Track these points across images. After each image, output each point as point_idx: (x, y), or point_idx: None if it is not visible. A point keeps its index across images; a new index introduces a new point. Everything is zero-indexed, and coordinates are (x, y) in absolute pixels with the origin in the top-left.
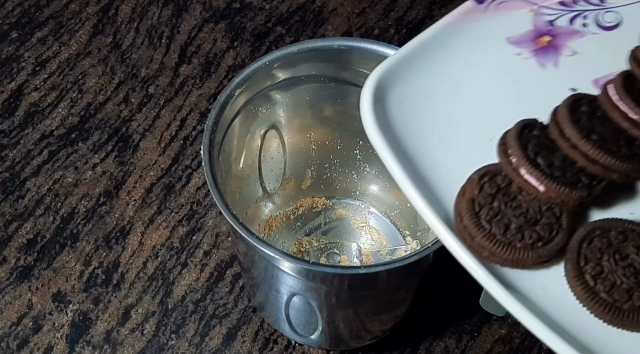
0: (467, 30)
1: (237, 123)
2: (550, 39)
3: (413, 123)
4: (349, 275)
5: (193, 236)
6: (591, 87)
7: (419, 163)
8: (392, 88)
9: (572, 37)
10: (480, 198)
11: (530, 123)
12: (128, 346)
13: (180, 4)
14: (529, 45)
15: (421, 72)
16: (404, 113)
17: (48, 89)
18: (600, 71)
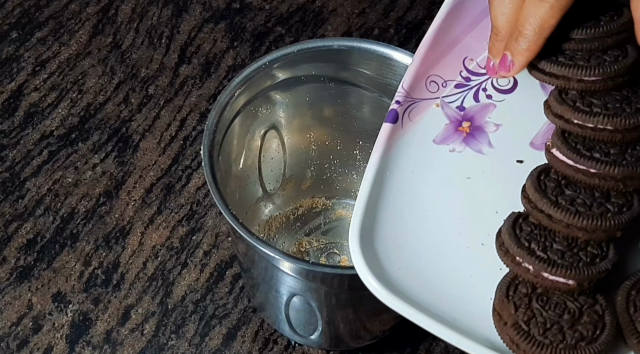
0: (398, 151)
1: (237, 124)
2: (469, 124)
3: (405, 264)
4: (349, 275)
5: (193, 236)
6: (531, 150)
7: (433, 301)
8: (372, 241)
9: (487, 112)
10: (520, 315)
11: (517, 217)
12: (128, 346)
13: (180, 4)
14: (455, 137)
15: (386, 212)
16: (392, 258)
17: (48, 89)
18: (530, 132)
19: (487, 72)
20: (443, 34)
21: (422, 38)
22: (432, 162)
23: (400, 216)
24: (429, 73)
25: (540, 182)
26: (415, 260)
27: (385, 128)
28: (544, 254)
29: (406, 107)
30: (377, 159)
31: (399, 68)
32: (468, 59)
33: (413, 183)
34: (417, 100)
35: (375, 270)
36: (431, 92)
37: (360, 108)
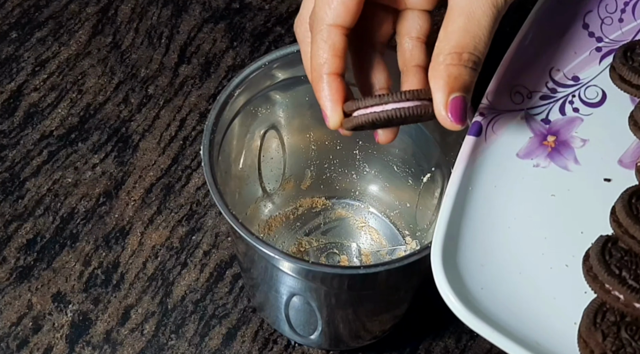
0: (480, 165)
1: (237, 124)
2: (555, 138)
3: (487, 282)
4: (349, 275)
5: (193, 236)
6: (620, 169)
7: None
8: (454, 259)
9: (573, 126)
10: (608, 345)
11: (606, 241)
12: (128, 346)
13: (179, 4)
14: (540, 152)
15: (468, 228)
16: (475, 276)
17: (48, 89)
18: (619, 149)
19: None
20: (529, 43)
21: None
22: (515, 177)
23: (482, 233)
24: (513, 83)
25: (631, 206)
26: (498, 279)
27: (468, 141)
28: (636, 283)
29: (490, 119)
30: (460, 173)
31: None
32: (555, 70)
33: (496, 198)
34: (501, 111)
35: (457, 289)
36: (516, 103)
37: None
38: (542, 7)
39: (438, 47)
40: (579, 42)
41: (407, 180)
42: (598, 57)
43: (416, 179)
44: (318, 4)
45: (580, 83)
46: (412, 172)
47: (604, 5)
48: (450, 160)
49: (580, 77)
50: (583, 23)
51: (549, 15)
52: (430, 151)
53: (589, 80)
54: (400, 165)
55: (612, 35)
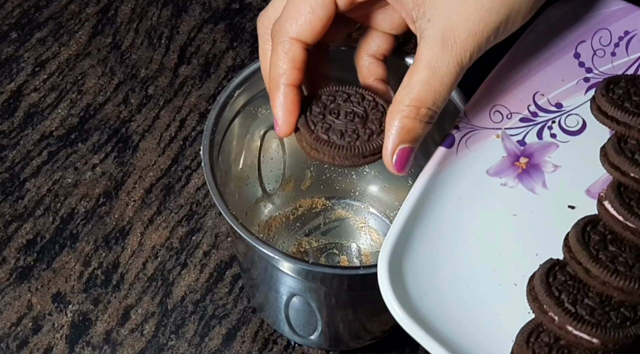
0: (448, 176)
1: (237, 124)
2: (527, 160)
3: (433, 290)
4: (349, 276)
5: (192, 236)
6: (586, 198)
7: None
8: (402, 262)
9: (548, 151)
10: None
11: (553, 265)
12: (128, 347)
13: (179, 5)
14: (510, 172)
15: (423, 235)
16: (420, 282)
17: (47, 90)
18: (589, 179)
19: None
20: (517, 64)
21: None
22: (481, 193)
23: (436, 241)
24: (495, 102)
25: (585, 233)
26: (444, 288)
27: (439, 151)
28: (572, 307)
29: (464, 133)
30: (425, 181)
31: (398, 68)
32: (539, 94)
33: (457, 211)
34: (477, 128)
35: (399, 292)
36: (494, 122)
37: None
38: (534, 31)
39: (400, 93)
40: (568, 70)
41: (407, 180)
42: (585, 87)
43: (416, 179)
44: (285, 16)
45: (563, 111)
46: (411, 172)
47: (599, 38)
48: None
49: (564, 104)
50: (575, 52)
51: (541, 40)
52: (430, 152)
53: (572, 109)
54: None
55: (602, 68)
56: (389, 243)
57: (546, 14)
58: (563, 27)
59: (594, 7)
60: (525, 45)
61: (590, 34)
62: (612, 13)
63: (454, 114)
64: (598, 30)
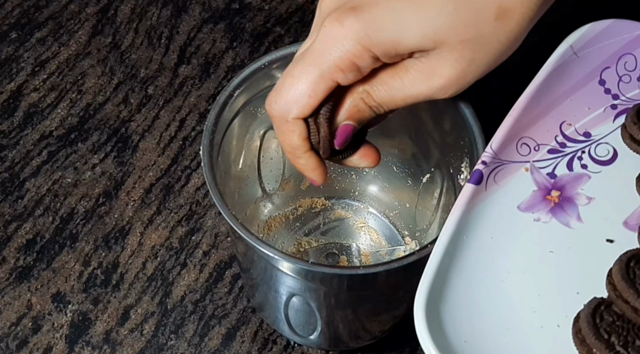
0: (478, 214)
1: (237, 124)
2: (559, 193)
3: (472, 336)
4: (348, 276)
5: (192, 236)
6: (624, 230)
7: None
8: (439, 307)
9: (580, 183)
10: None
11: (599, 304)
12: (127, 347)
13: (179, 5)
14: (542, 206)
15: (459, 277)
16: (459, 328)
17: (47, 90)
18: (625, 210)
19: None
20: (542, 94)
21: None
22: (514, 230)
23: (472, 284)
24: (521, 134)
25: (629, 269)
26: (484, 333)
27: (467, 189)
28: (624, 350)
29: (492, 169)
30: (456, 220)
31: None
32: (566, 124)
33: (491, 250)
34: (505, 162)
35: (438, 340)
36: (521, 155)
37: None
38: (557, 59)
39: (369, 82)
40: (594, 98)
41: (407, 181)
42: (613, 115)
43: (415, 179)
44: (285, 98)
45: (592, 140)
46: (411, 172)
47: (623, 63)
48: (449, 161)
49: (592, 133)
50: (600, 79)
51: (564, 68)
52: (430, 151)
53: (601, 137)
54: (400, 165)
55: (629, 94)
56: (424, 288)
57: (568, 41)
58: (586, 53)
59: (616, 32)
60: (548, 74)
61: (615, 59)
62: (635, 37)
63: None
64: (622, 56)
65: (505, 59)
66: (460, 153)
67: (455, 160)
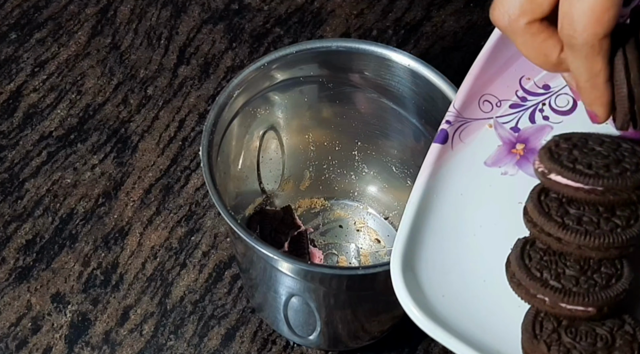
0: (447, 173)
1: (236, 124)
2: (524, 146)
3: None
4: (347, 276)
5: (192, 237)
6: None
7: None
8: (415, 266)
9: (542, 134)
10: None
11: (524, 244)
12: (127, 347)
13: (178, 5)
14: (508, 160)
15: (432, 235)
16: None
17: (47, 90)
18: None
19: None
20: (499, 51)
21: (420, 39)
22: (482, 185)
23: (446, 240)
24: (482, 92)
25: (542, 203)
26: (460, 287)
27: (433, 148)
28: (557, 283)
29: (457, 127)
30: (425, 181)
31: (397, 69)
32: (525, 78)
33: (461, 206)
34: (469, 120)
35: (417, 297)
36: (484, 111)
37: (359, 109)
38: None
39: None
40: None
41: (406, 181)
42: None
43: (415, 180)
44: (577, 18)
45: (551, 92)
46: (410, 172)
47: None
48: None
49: (551, 85)
50: None
51: None
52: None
53: (560, 88)
54: (399, 165)
55: None
56: (399, 249)
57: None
58: None
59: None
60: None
61: None
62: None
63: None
64: None
65: None
66: None
67: None
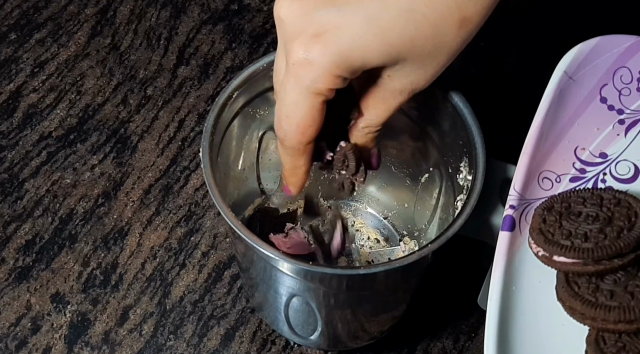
0: (521, 261)
1: (236, 125)
2: None
3: None
4: (347, 276)
5: (191, 237)
6: None
7: None
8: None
9: None
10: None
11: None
12: (126, 347)
13: (178, 6)
14: None
15: (520, 332)
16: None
17: (46, 91)
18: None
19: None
20: (549, 125)
21: None
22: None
23: (536, 335)
24: (539, 170)
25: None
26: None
27: (503, 237)
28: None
29: (522, 211)
30: (501, 273)
31: None
32: (580, 149)
33: (543, 295)
34: (532, 200)
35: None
36: (545, 190)
37: None
38: (555, 87)
39: (360, 119)
40: (600, 117)
41: (405, 181)
42: (623, 130)
43: (414, 179)
44: (287, 129)
45: (609, 159)
46: (410, 172)
47: (619, 77)
48: (448, 161)
49: (608, 153)
50: (600, 97)
51: (564, 95)
52: (428, 151)
53: (618, 155)
54: (398, 165)
55: (632, 106)
56: (492, 350)
57: (560, 67)
58: (581, 75)
59: (605, 48)
60: (549, 104)
61: (610, 75)
62: (624, 50)
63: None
64: (617, 70)
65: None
66: (459, 153)
67: (454, 160)
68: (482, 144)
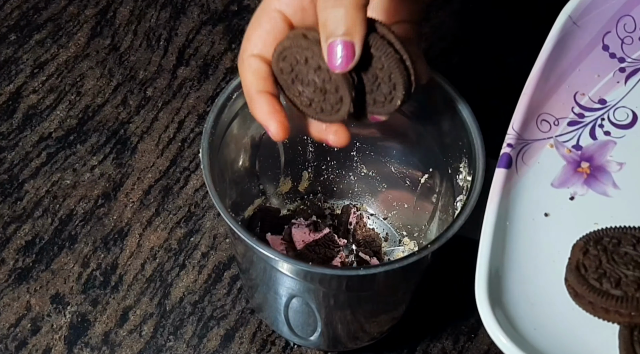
0: (516, 198)
1: (235, 126)
2: (589, 164)
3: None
4: (347, 277)
5: (191, 238)
6: None
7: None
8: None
9: (607, 150)
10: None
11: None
12: (126, 348)
13: (178, 7)
14: (575, 179)
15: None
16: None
17: (46, 91)
18: None
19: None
20: (550, 69)
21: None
22: (553, 208)
23: (527, 269)
24: (539, 111)
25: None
26: (549, 317)
27: (499, 174)
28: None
29: (519, 150)
30: (495, 208)
31: None
32: (579, 94)
33: (536, 232)
34: (529, 141)
35: (511, 334)
36: (543, 131)
37: None
38: (559, 32)
39: None
40: (601, 64)
41: (405, 181)
42: (623, 78)
43: (414, 180)
44: (244, 39)
45: (608, 106)
46: (409, 172)
47: (623, 25)
48: (448, 161)
49: (607, 99)
50: (603, 44)
51: (567, 39)
52: (428, 152)
53: (617, 102)
54: (398, 166)
55: (634, 55)
56: (482, 285)
57: (565, 11)
58: (585, 21)
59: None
60: (552, 48)
61: (614, 23)
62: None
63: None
64: (621, 18)
65: None
66: (459, 154)
67: (453, 161)
68: (482, 145)
